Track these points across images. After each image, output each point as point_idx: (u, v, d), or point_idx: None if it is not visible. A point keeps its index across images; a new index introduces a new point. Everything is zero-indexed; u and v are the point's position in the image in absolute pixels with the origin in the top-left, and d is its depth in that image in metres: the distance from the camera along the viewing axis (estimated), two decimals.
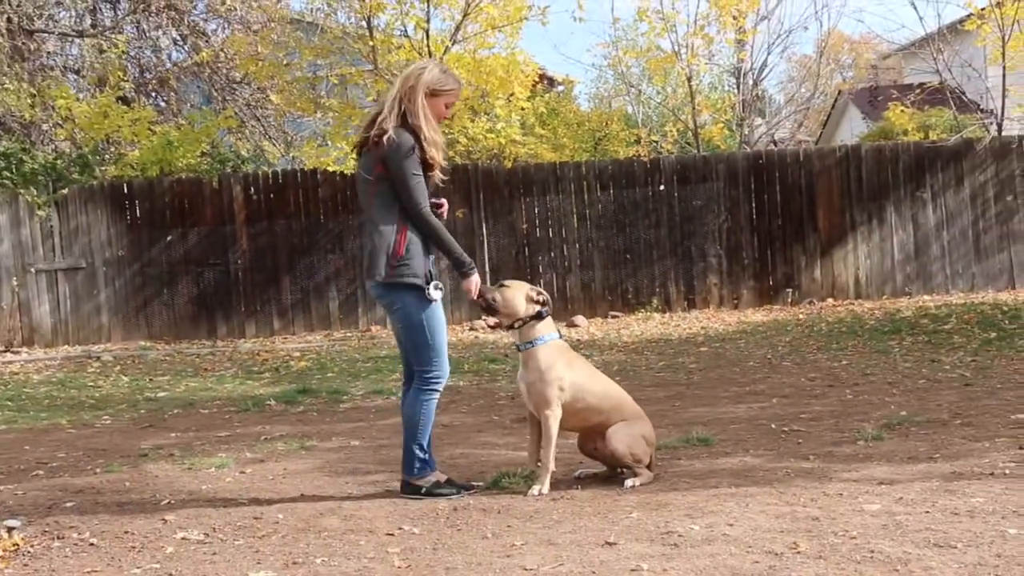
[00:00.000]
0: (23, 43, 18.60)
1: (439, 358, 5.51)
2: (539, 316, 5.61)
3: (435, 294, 5.42)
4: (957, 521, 4.57)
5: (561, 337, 5.76)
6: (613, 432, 5.60)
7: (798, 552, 4.22)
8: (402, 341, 5.64)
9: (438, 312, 5.50)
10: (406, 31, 17.64)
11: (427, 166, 5.43)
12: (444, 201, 5.64)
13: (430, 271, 5.44)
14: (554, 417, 5.52)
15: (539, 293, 5.66)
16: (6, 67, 17.96)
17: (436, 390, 5.56)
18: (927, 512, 4.74)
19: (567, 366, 5.60)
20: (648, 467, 5.68)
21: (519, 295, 5.62)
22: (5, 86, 17.55)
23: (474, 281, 5.51)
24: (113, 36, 19.44)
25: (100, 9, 20.68)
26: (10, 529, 5.05)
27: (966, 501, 4.88)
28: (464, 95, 17.76)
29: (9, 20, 18.22)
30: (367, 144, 5.47)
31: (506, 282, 5.76)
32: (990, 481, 5.26)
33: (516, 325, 5.63)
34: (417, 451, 5.56)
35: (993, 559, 4.02)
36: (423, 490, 5.50)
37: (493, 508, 5.22)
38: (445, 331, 5.56)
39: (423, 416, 5.54)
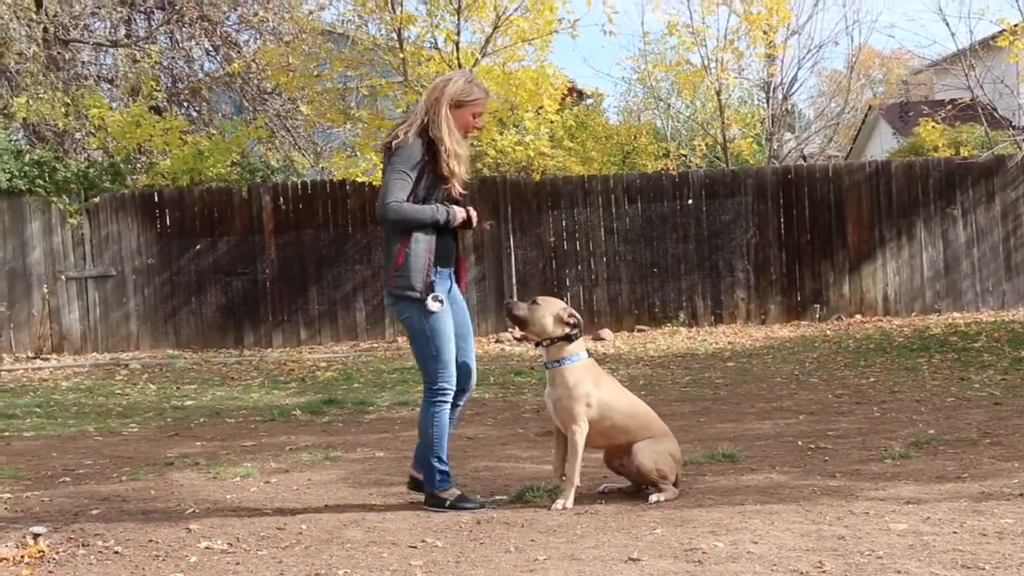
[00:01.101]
0: (58, 53, 18.79)
1: (444, 370, 5.47)
2: (568, 338, 5.57)
3: (433, 306, 5.36)
4: (985, 542, 4.52)
5: (590, 355, 5.73)
6: (639, 448, 5.57)
7: (823, 571, 4.18)
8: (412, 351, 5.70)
9: (442, 323, 5.43)
10: (436, 43, 17.68)
11: (443, 178, 5.44)
12: (472, 211, 5.65)
13: (433, 282, 5.38)
14: (580, 432, 5.49)
15: (571, 315, 5.60)
16: (41, 76, 18.13)
17: (443, 401, 5.51)
18: (955, 533, 4.69)
19: (595, 384, 5.59)
20: (674, 484, 5.65)
21: (549, 314, 5.57)
22: (40, 95, 17.70)
23: (462, 212, 5.53)
24: (147, 46, 19.59)
25: (134, 20, 20.84)
26: (36, 536, 5.06)
27: (995, 522, 4.83)
28: (493, 107, 17.79)
29: (45, 30, 18.41)
30: (385, 152, 5.55)
31: (539, 299, 5.71)
32: (1019, 502, 5.20)
33: (544, 343, 5.61)
34: (436, 463, 5.53)
35: None
36: (447, 503, 5.48)
37: (517, 522, 5.20)
38: (451, 342, 5.49)
39: (435, 428, 5.51)
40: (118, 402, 10.97)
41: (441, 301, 5.39)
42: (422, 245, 5.39)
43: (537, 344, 5.68)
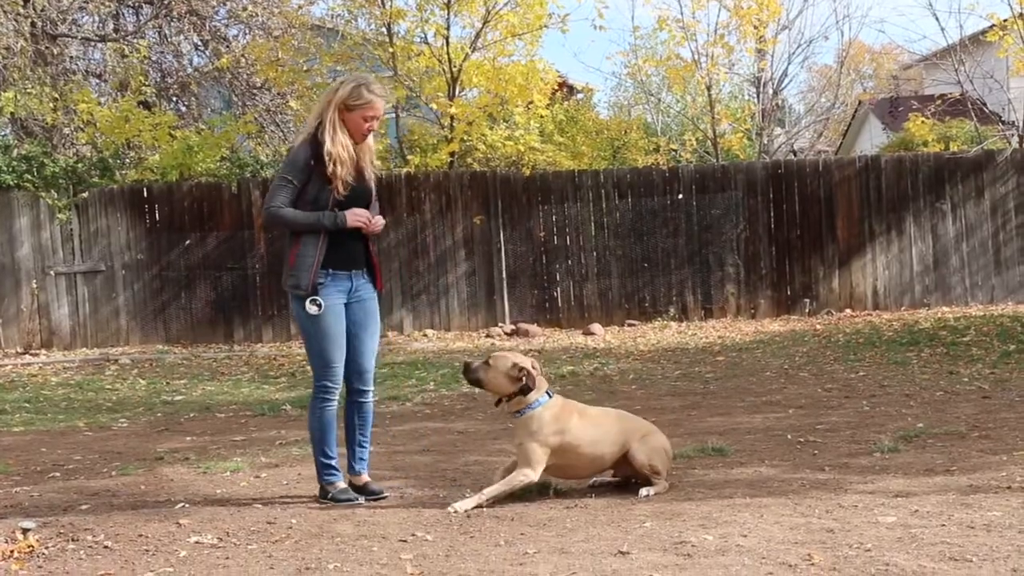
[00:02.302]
0: (46, 47, 18.70)
1: (326, 368, 5.63)
2: (524, 391, 5.52)
3: (310, 308, 5.52)
4: (973, 535, 4.54)
5: (551, 396, 5.64)
6: (633, 451, 5.60)
7: (812, 564, 4.20)
8: None
9: (327, 324, 5.57)
10: (426, 38, 17.70)
11: (327, 179, 5.52)
12: (380, 218, 5.72)
13: (320, 284, 5.53)
14: (524, 476, 5.46)
15: (520, 370, 5.53)
16: (29, 71, 18.06)
17: (326, 399, 5.68)
18: (943, 525, 4.71)
19: (557, 432, 5.51)
20: (662, 478, 5.66)
21: (500, 374, 5.54)
22: (28, 90, 17.63)
23: (352, 214, 5.54)
24: (135, 41, 19.52)
25: (123, 14, 20.75)
26: (25, 530, 5.06)
27: (983, 515, 4.86)
28: (483, 102, 17.83)
29: (33, 24, 18.32)
30: None
31: (492, 357, 5.65)
32: (1007, 495, 5.22)
33: (503, 400, 5.60)
34: (321, 457, 5.72)
35: (1009, 573, 4.00)
36: (330, 495, 5.65)
37: (507, 516, 5.21)
38: (335, 342, 5.62)
39: (318, 422, 5.71)
40: (108, 397, 10.96)
41: (319, 305, 5.53)
42: (310, 248, 5.53)
43: (497, 403, 5.70)
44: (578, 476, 5.75)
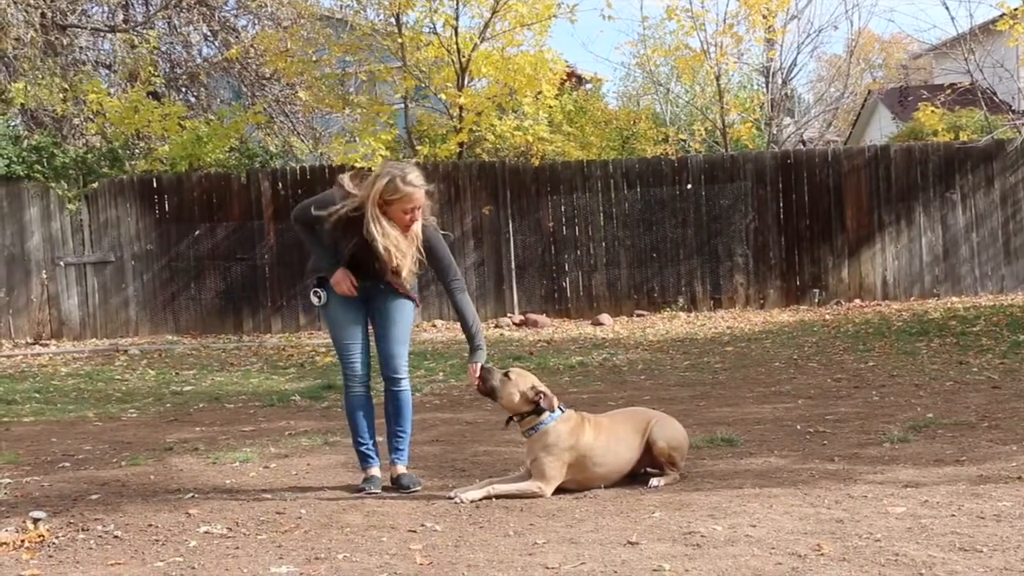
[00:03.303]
0: (56, 38, 18.73)
1: (341, 356, 5.79)
2: (537, 412, 5.47)
3: (312, 299, 5.76)
4: (983, 525, 4.53)
5: (563, 410, 5.57)
6: (654, 438, 5.59)
7: (821, 554, 4.19)
8: None
9: (333, 313, 5.74)
10: (435, 28, 17.68)
11: (352, 235, 5.55)
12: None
13: (319, 278, 5.68)
14: (539, 488, 5.39)
15: (536, 392, 5.48)
16: (39, 62, 18.07)
17: (348, 386, 5.80)
18: (953, 516, 4.70)
19: (572, 448, 5.45)
20: (677, 469, 5.64)
21: (517, 391, 5.49)
22: (38, 81, 17.65)
23: (338, 283, 5.61)
24: (144, 32, 19.52)
25: (132, 5, 20.78)
26: (36, 520, 5.08)
27: (993, 505, 4.84)
28: (492, 92, 17.81)
29: (43, 15, 18.34)
30: None
31: (510, 373, 5.59)
32: (1018, 485, 5.21)
33: (515, 418, 5.55)
34: (354, 445, 5.86)
35: (1019, 563, 3.98)
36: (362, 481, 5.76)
37: (516, 506, 5.21)
38: (344, 331, 5.74)
39: (345, 411, 5.92)
40: (117, 388, 10.98)
41: (320, 296, 5.70)
42: (322, 245, 5.73)
43: (508, 421, 5.66)
44: (603, 483, 5.59)
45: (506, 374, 5.56)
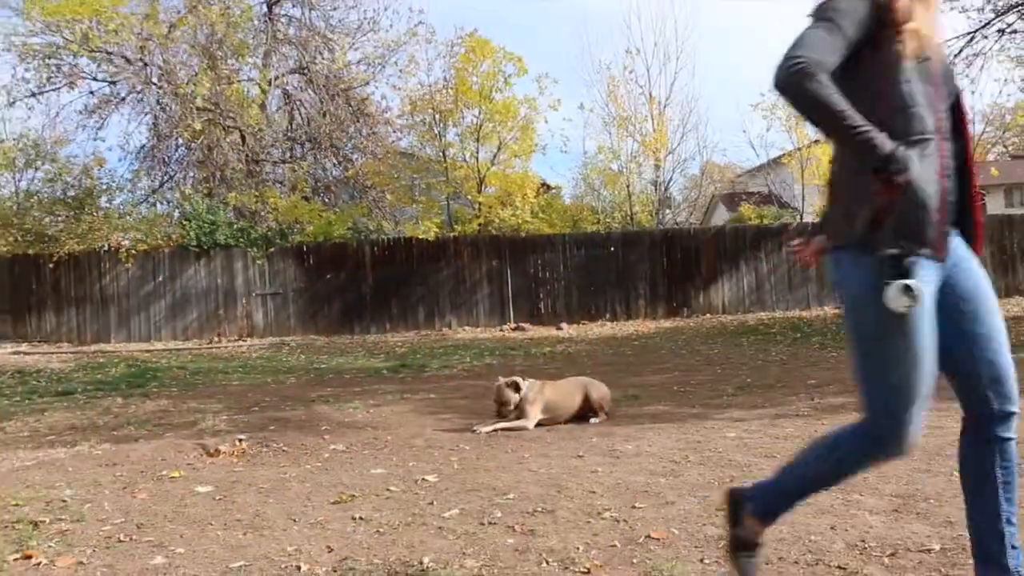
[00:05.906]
0: (252, 166, 18.79)
1: (897, 409, 1.77)
2: (517, 388, 5.29)
3: (896, 300, 1.68)
4: (778, 442, 4.52)
5: (531, 382, 5.39)
6: (590, 394, 5.52)
7: (688, 461, 4.18)
8: None
9: (914, 330, 1.74)
10: (465, 158, 17.77)
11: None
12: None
13: (901, 246, 1.70)
14: (523, 425, 5.20)
15: (516, 387, 5.21)
16: (243, 180, 18.13)
17: (872, 455, 1.90)
18: (761, 437, 4.69)
19: (535, 400, 5.31)
20: (606, 413, 5.62)
21: (508, 391, 5.26)
22: (242, 191, 17.73)
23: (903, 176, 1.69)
24: (300, 162, 19.57)
25: (294, 148, 20.81)
26: (240, 440, 5.07)
27: (783, 431, 4.83)
28: (498, 195, 17.84)
29: (247, 156, 18.46)
30: None
31: (521, 384, 5.23)
32: (796, 419, 5.19)
33: (510, 388, 5.35)
34: (795, 499, 2.15)
35: None
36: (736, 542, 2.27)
37: (512, 436, 5.18)
38: (924, 365, 1.76)
39: (830, 471, 2.00)
40: (283, 365, 10.89)
41: (914, 295, 1.68)
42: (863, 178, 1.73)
43: (507, 415, 5.24)
44: (562, 419, 5.49)
45: (511, 385, 5.36)
